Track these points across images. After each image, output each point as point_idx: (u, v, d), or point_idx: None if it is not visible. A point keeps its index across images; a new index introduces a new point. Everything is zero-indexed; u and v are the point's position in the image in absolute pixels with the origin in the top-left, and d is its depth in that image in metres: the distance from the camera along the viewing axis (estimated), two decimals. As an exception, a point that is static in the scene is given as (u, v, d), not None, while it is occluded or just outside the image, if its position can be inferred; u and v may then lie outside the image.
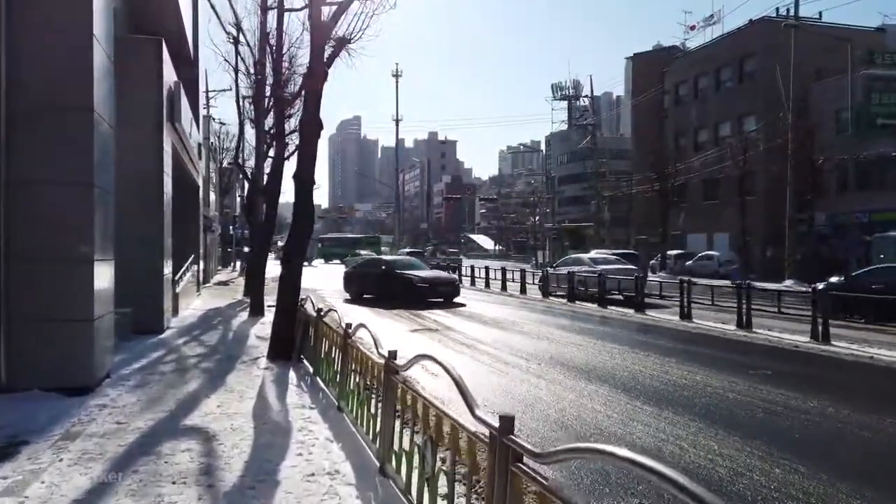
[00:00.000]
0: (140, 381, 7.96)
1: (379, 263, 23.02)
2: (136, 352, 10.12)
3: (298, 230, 9.69)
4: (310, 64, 9.85)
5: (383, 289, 21.23)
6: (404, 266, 22.08)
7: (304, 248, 9.96)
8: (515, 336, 13.30)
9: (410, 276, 20.65)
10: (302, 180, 9.52)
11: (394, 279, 20.82)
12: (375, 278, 21.82)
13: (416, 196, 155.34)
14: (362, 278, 22.80)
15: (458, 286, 22.17)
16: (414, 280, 20.32)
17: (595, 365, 9.91)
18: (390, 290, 20.68)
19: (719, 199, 42.01)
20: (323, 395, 7.34)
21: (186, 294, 18.01)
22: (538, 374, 9.17)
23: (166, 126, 12.86)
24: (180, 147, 15.60)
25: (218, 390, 7.54)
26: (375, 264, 23.26)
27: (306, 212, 9.59)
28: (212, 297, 22.31)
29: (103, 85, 7.56)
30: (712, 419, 6.72)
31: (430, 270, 22.54)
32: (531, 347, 11.67)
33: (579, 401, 7.55)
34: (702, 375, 9.07)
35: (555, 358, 10.53)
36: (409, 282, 20.30)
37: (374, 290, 21.79)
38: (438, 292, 20.60)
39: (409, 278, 20.48)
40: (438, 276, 21.86)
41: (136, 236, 12.03)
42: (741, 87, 41.22)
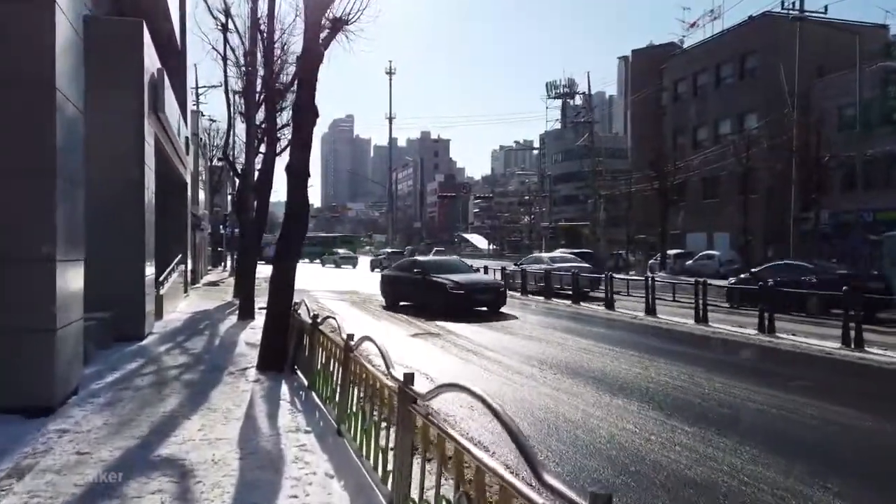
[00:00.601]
0: (112, 398, 7.03)
1: (413, 266, 19.64)
2: (111, 362, 9.17)
3: (292, 227, 8.78)
4: (304, 44, 8.94)
5: (418, 295, 18.37)
6: (441, 268, 18.78)
7: (298, 246, 9.07)
8: (521, 341, 12.41)
9: (443, 280, 17.45)
10: (295, 172, 8.61)
11: (428, 285, 17.77)
12: (410, 283, 18.79)
13: (409, 195, 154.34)
14: (398, 283, 19.65)
15: (504, 292, 18.38)
16: (447, 286, 17.10)
17: (609, 372, 9.05)
18: (425, 298, 17.89)
19: (719, 197, 41.30)
20: (320, 414, 6.44)
21: (172, 296, 17.06)
22: (556, 387, 8.30)
23: (148, 115, 11.91)
24: (164, 139, 14.65)
25: (200, 409, 6.63)
26: (410, 267, 19.78)
27: (301, 207, 8.69)
28: (200, 298, 21.34)
29: (68, 60, 6.62)
30: (752, 436, 5.88)
31: (470, 274, 19.12)
32: (537, 352, 10.80)
33: (607, 418, 6.68)
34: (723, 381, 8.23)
35: (570, 367, 9.67)
36: (441, 287, 17.22)
37: (410, 297, 18.85)
38: (477, 300, 17.38)
39: (441, 283, 17.36)
40: (477, 281, 18.29)
41: (114, 234, 11.10)
42: (742, 83, 40.50)
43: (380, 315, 17.35)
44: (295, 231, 8.80)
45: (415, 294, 18.60)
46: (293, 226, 8.72)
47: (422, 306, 17.70)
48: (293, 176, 8.50)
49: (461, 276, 18.02)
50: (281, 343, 8.76)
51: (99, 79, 10.89)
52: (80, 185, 7.14)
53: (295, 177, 8.51)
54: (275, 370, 8.61)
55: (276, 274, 8.92)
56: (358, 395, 5.25)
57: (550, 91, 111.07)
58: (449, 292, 16.92)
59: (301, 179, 8.57)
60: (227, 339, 12.06)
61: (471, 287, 17.32)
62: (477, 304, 17.28)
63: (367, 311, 18.27)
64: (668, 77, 47.98)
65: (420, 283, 18.09)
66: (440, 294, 17.10)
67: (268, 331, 8.89)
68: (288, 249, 8.82)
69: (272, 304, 8.93)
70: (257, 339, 11.61)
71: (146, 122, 11.62)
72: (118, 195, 11.16)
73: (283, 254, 8.87)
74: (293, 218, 8.67)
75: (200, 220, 31.21)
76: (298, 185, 8.56)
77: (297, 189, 8.57)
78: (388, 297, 19.95)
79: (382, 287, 20.50)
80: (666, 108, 48.33)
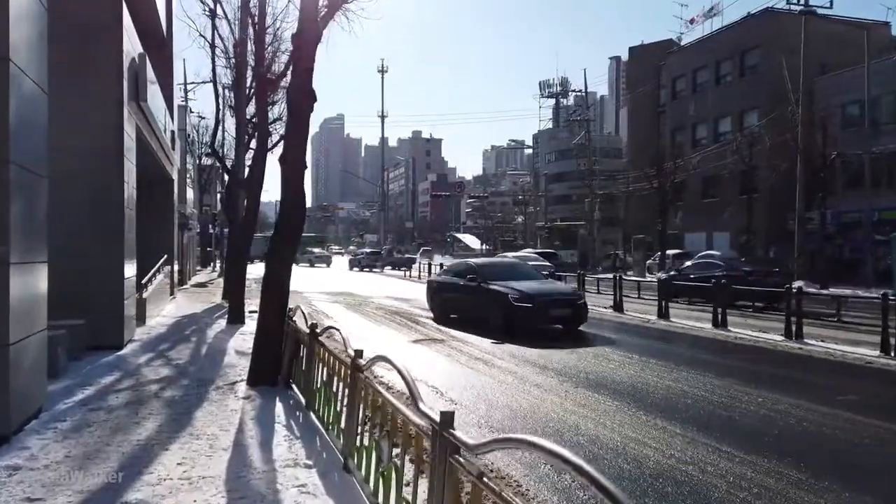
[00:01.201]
0: (79, 422, 6.08)
1: (466, 271, 15.64)
2: (83, 375, 8.21)
3: (288, 222, 7.85)
4: (300, 24, 8.00)
5: (472, 307, 14.85)
6: (501, 274, 14.87)
7: (294, 244, 8.12)
8: (528, 347, 11.53)
9: (504, 289, 13.59)
10: (290, 163, 7.69)
11: (484, 294, 14.12)
12: (462, 292, 15.16)
13: (400, 195, 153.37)
14: (447, 292, 16.03)
15: (585, 306, 14.06)
16: (510, 297, 13.28)
17: (637, 385, 8.18)
18: (480, 311, 14.31)
19: (719, 196, 40.60)
20: (321, 443, 5.52)
21: (157, 299, 16.07)
22: (579, 402, 7.41)
23: (128, 104, 10.94)
24: (147, 131, 13.67)
25: (181, 436, 5.69)
26: (463, 271, 15.84)
27: (296, 201, 7.75)
28: (187, 300, 20.34)
29: (25, 29, 5.67)
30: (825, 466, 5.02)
31: (539, 282, 15.06)
32: (552, 359, 9.92)
33: (648, 442, 5.80)
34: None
35: (590, 378, 8.78)
36: (501, 298, 13.46)
37: (462, 310, 15.34)
38: (551, 316, 13.53)
39: (501, 293, 13.55)
40: (550, 291, 14.05)
41: (90, 232, 10.15)
42: (743, 80, 39.79)
43: (379, 319, 16.42)
44: (291, 227, 7.86)
45: (468, 306, 15.05)
46: (289, 221, 7.78)
47: (477, 321, 14.15)
48: (288, 166, 7.57)
49: (528, 284, 14.10)
50: (274, 354, 7.82)
51: (73, 62, 9.96)
52: (41, 176, 6.18)
53: (290, 167, 7.58)
54: (267, 384, 7.68)
55: (268, 275, 7.98)
56: (370, 425, 4.35)
57: (544, 90, 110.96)
58: (513, 306, 13.16)
59: (297, 169, 7.65)
60: (214, 346, 11.11)
61: (542, 299, 13.36)
62: (550, 321, 13.59)
63: (365, 315, 17.34)
64: (667, 74, 47.25)
65: (475, 293, 14.47)
66: (501, 308, 13.43)
67: (259, 340, 7.95)
68: (283, 247, 7.88)
69: (264, 310, 7.99)
70: (247, 347, 10.68)
71: (126, 110, 10.64)
72: (94, 189, 10.19)
73: (278, 252, 7.94)
74: (289, 212, 7.73)
75: (188, 220, 30.14)
76: (294, 175, 7.63)
77: (292, 180, 7.64)
78: (436, 309, 16.51)
79: (430, 296, 17.05)
80: (664, 106, 47.61)
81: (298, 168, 7.72)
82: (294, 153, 7.66)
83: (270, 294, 7.93)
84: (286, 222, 7.75)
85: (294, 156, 7.63)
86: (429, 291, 17.23)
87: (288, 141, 7.80)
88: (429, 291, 17.23)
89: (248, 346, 10.97)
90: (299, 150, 7.67)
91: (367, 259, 49.75)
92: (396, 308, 19.17)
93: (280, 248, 7.94)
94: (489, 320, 13.68)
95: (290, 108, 7.73)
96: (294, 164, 7.59)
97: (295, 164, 7.60)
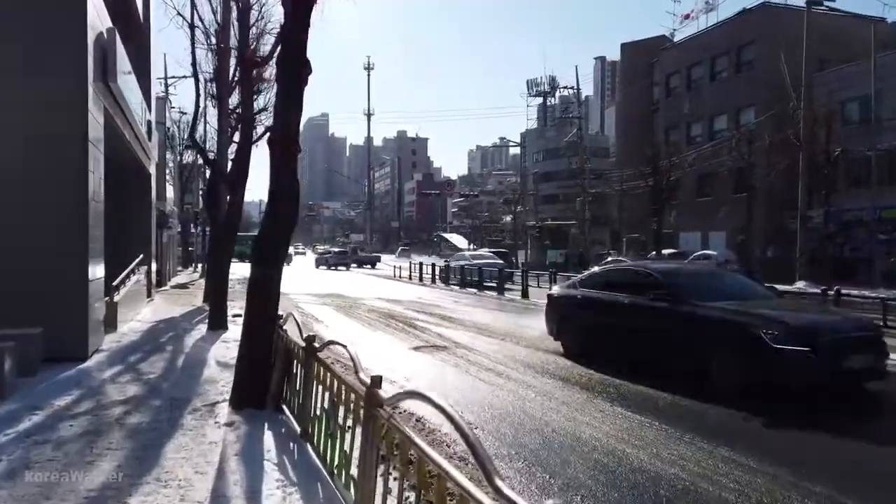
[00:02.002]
0: (14, 464, 4.83)
1: (639, 280, 9.79)
2: (35, 396, 6.94)
3: (279, 212, 6.63)
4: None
5: (657, 346, 8.97)
6: (708, 288, 9.25)
7: (286, 238, 6.91)
8: (539, 353, 10.39)
9: (741, 318, 7.98)
10: (281, 143, 6.48)
11: (689, 325, 8.39)
12: (632, 317, 9.48)
13: (386, 194, 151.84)
14: (595, 313, 10.38)
15: (885, 346, 7.97)
16: (762, 333, 7.49)
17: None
18: (679, 354, 8.57)
19: (714, 195, 39.80)
20: (325, 491, 4.34)
21: (132, 302, 14.76)
22: (638, 439, 6.27)
23: (94, 83, 9.66)
24: (119, 117, 12.37)
25: (145, 482, 4.48)
26: (631, 281, 9.99)
27: (288, 188, 6.54)
28: (166, 303, 19.01)
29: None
30: None
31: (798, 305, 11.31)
32: (572, 373, 8.79)
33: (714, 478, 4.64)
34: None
35: (625, 395, 7.64)
36: (739, 335, 7.83)
37: (631, 346, 9.54)
38: (842, 368, 7.48)
39: (735, 325, 7.94)
40: (834, 324, 8.25)
41: (47, 228, 8.87)
42: (739, 77, 38.99)
43: (373, 323, 15.21)
44: (282, 218, 6.64)
45: (647, 343, 9.18)
46: (280, 211, 6.55)
47: (664, 368, 8.72)
48: (279, 147, 6.37)
49: (788, 314, 8.19)
50: (262, 371, 6.61)
51: (27, 30, 8.70)
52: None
53: (281, 148, 6.37)
54: (253, 406, 6.48)
55: (255, 278, 6.76)
56: (398, 482, 3.19)
57: (531, 89, 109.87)
58: (771, 350, 7.34)
59: (289, 152, 6.45)
60: (193, 357, 9.85)
61: (829, 338, 7.54)
62: (841, 379, 7.65)
63: (358, 319, 16.13)
64: (660, 71, 46.39)
65: (666, 322, 8.79)
66: (737, 352, 7.73)
67: (245, 355, 6.74)
68: (273, 243, 6.67)
69: (251, 319, 6.77)
70: (230, 357, 9.48)
71: (91, 89, 9.37)
72: (53, 178, 8.92)
73: (266, 250, 6.73)
74: (280, 200, 6.50)
75: (168, 218, 28.67)
76: (285, 157, 6.43)
77: (283, 163, 6.43)
78: (568, 338, 10.81)
79: (554, 318, 11.31)
80: (658, 103, 46.75)
81: (290, 150, 6.51)
82: (286, 133, 6.46)
83: (258, 300, 6.72)
84: (276, 214, 6.53)
85: (285, 135, 6.43)
86: (551, 311, 11.52)
87: (279, 119, 6.58)
88: (551, 311, 11.52)
89: (231, 355, 9.77)
90: (292, 128, 6.47)
91: (334, 258, 53.32)
92: (390, 311, 17.99)
93: (269, 246, 6.73)
94: (707, 370, 7.95)
95: (281, 77, 6.52)
96: (285, 145, 6.39)
97: (286, 145, 6.40)
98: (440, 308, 18.86)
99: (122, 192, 17.96)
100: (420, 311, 17.71)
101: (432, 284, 30.67)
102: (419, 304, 20.25)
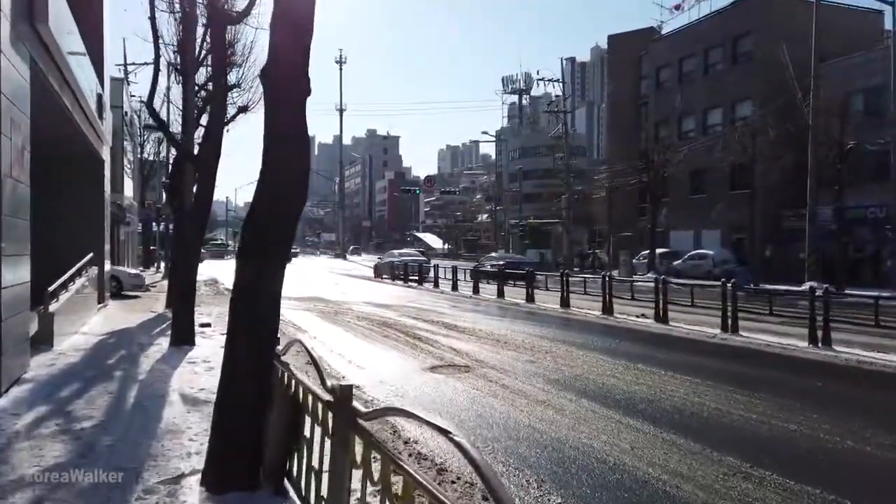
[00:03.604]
0: None
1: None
2: None
3: (279, 185, 4.26)
4: None
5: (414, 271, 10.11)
6: None
7: (293, 217, 4.46)
8: (562, 365, 8.19)
9: None
10: (283, 74, 4.13)
11: None
12: None
13: (356, 193, 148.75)
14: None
15: None
16: None
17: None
18: None
19: (708, 192, 38.23)
20: None
21: (76, 311, 12.16)
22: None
23: (15, 24, 7.15)
24: (56, 79, 9.80)
25: None
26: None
27: (295, 133, 4.18)
28: (121, 310, 16.37)
29: None
30: None
31: None
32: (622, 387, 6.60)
33: None
34: None
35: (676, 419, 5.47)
36: None
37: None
38: None
39: None
40: None
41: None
42: (735, 68, 37.39)
43: (369, 334, 12.84)
44: (284, 186, 4.25)
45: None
46: (281, 181, 4.19)
47: None
48: (282, 87, 4.02)
49: None
50: (252, 427, 4.26)
51: None
52: None
53: (284, 89, 4.02)
54: (239, 487, 4.13)
55: (245, 282, 4.37)
56: None
57: (507, 85, 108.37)
58: None
59: (295, 89, 4.10)
60: (149, 388, 7.39)
61: None
62: None
63: (349, 328, 13.75)
64: (649, 64, 44.66)
65: None
66: None
67: (226, 404, 4.36)
68: (275, 225, 4.30)
69: (235, 349, 4.40)
70: (200, 387, 7.10)
71: (5, 26, 6.86)
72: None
73: (263, 235, 4.34)
74: (283, 159, 4.14)
75: (126, 213, 25.82)
76: (287, 102, 4.08)
77: (286, 111, 4.08)
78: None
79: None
80: (647, 97, 45.03)
81: (297, 90, 4.15)
82: (286, 59, 4.10)
83: (246, 318, 4.35)
84: (276, 184, 4.16)
85: (286, 66, 4.06)
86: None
87: (277, 38, 4.20)
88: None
89: (201, 383, 7.35)
90: (299, 53, 4.10)
91: None
92: (381, 317, 15.66)
93: (265, 233, 4.35)
94: None
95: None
96: (287, 78, 4.03)
97: (289, 77, 4.04)
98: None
99: (68, 179, 15.30)
100: (417, 319, 15.45)
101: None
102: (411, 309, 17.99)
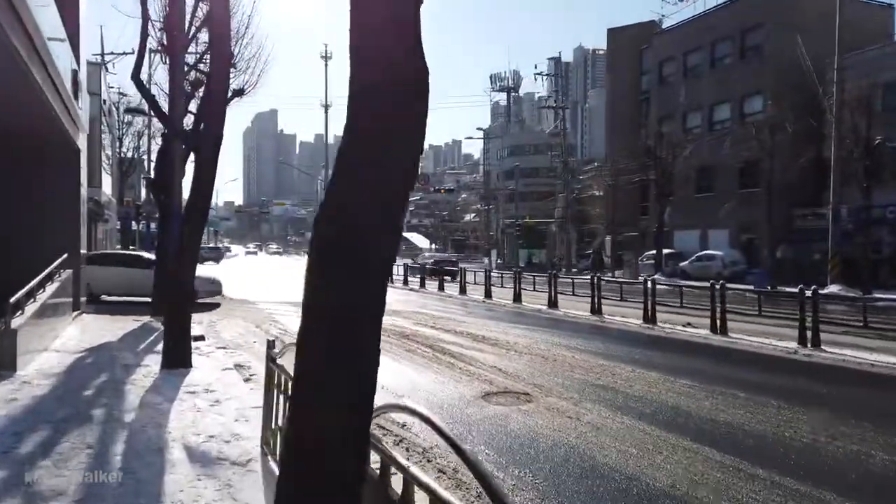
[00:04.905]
0: None
1: None
2: None
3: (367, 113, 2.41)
4: None
5: None
6: None
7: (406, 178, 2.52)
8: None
9: None
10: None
11: None
12: None
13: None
14: None
15: None
16: None
17: None
18: None
19: (716, 190, 36.87)
20: None
21: (47, 322, 10.23)
22: None
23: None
24: (21, 40, 7.87)
25: None
26: None
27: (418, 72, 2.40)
28: (100, 320, 14.40)
29: None
30: None
31: None
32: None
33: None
34: None
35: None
36: None
37: None
38: None
39: None
40: None
41: None
42: (743, 63, 36.07)
43: (390, 349, 10.97)
44: (374, 119, 2.40)
45: None
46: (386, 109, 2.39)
47: None
48: None
49: None
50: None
51: None
52: None
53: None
54: None
55: (315, 294, 2.56)
56: None
57: (495, 83, 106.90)
58: None
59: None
60: (140, 439, 5.52)
61: None
62: None
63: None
64: (651, 58, 43.24)
65: None
66: None
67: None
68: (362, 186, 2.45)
69: (304, 411, 2.60)
70: (210, 435, 5.29)
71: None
72: None
73: (347, 202, 2.50)
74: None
75: (104, 209, 23.71)
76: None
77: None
78: None
79: None
80: (649, 93, 43.59)
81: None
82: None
83: (333, 354, 2.54)
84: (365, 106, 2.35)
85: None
86: None
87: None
88: None
89: (208, 429, 5.54)
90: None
91: None
92: (396, 327, 13.87)
93: (356, 194, 2.50)
94: None
95: None
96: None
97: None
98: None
99: (37, 169, 13.28)
100: (435, 328, 13.67)
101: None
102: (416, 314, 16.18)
